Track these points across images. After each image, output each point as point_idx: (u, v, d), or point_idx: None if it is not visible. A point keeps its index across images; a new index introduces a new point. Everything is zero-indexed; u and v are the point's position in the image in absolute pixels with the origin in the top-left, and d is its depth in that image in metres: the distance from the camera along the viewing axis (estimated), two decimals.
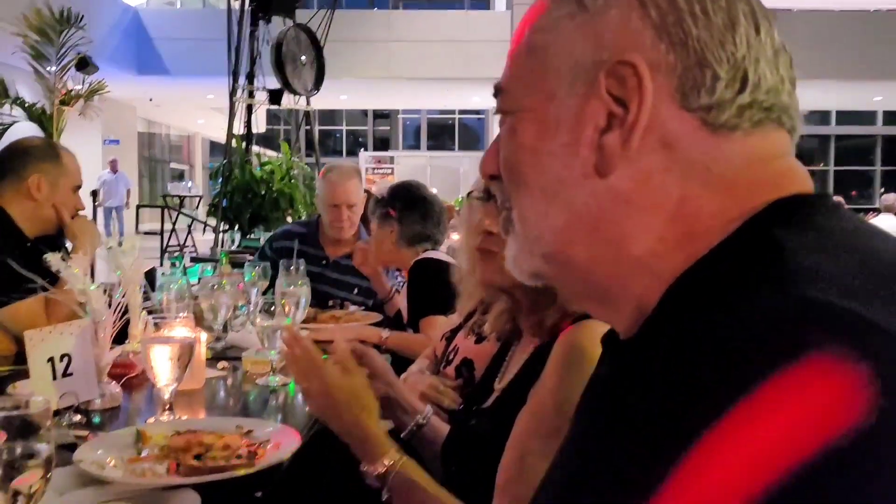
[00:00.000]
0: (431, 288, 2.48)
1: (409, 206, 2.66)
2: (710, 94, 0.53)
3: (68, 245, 2.26)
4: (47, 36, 9.64)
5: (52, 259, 1.59)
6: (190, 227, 12.27)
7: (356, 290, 3.22)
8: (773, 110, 0.55)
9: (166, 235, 11.47)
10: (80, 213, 2.36)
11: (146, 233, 12.59)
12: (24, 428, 0.90)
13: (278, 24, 7.93)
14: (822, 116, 22.09)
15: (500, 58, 0.67)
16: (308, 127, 9.00)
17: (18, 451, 0.87)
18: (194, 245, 11.37)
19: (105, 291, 1.66)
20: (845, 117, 22.62)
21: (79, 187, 2.35)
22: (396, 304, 2.86)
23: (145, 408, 1.68)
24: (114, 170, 15.68)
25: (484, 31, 15.50)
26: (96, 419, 1.54)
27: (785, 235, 0.49)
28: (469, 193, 1.42)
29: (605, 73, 0.54)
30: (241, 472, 1.15)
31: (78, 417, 1.48)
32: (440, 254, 2.64)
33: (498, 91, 0.62)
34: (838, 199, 0.58)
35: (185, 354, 1.46)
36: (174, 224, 11.90)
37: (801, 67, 0.58)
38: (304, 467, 1.37)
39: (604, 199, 0.55)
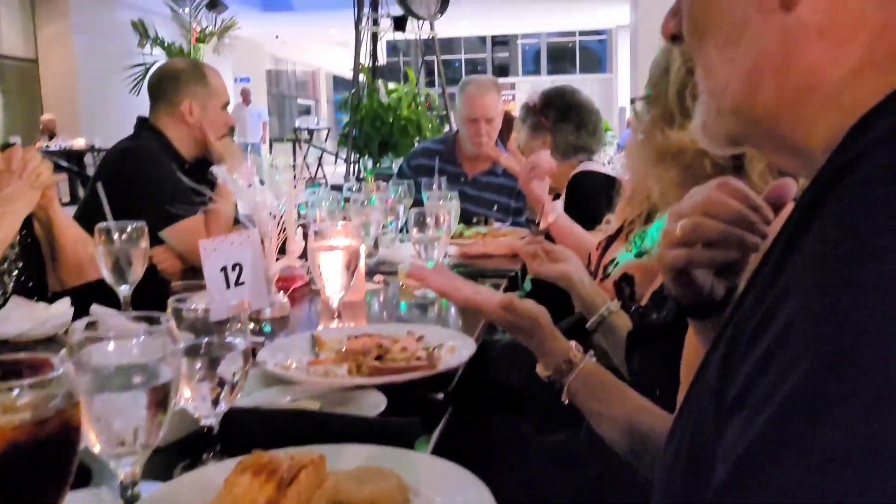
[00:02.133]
0: (591, 203, 2.35)
1: (562, 115, 2.50)
2: None
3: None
4: None
5: (218, 171, 1.61)
6: (320, 159, 12.63)
7: (495, 207, 3.16)
8: None
9: (297, 170, 11.84)
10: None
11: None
12: (220, 324, 0.90)
13: None
14: None
15: None
16: (431, 57, 8.96)
17: (218, 344, 0.87)
18: (325, 177, 11.69)
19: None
20: None
21: (227, 104, 2.40)
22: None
23: (311, 318, 1.70)
24: (246, 101, 14.34)
25: None
26: (267, 328, 1.57)
27: None
28: (632, 100, 1.37)
29: None
30: (424, 373, 1.12)
31: (251, 326, 1.51)
32: (597, 164, 2.50)
33: None
34: None
35: (353, 261, 1.45)
36: (305, 157, 12.25)
37: None
38: (477, 373, 1.33)
39: (792, 33, 0.52)
